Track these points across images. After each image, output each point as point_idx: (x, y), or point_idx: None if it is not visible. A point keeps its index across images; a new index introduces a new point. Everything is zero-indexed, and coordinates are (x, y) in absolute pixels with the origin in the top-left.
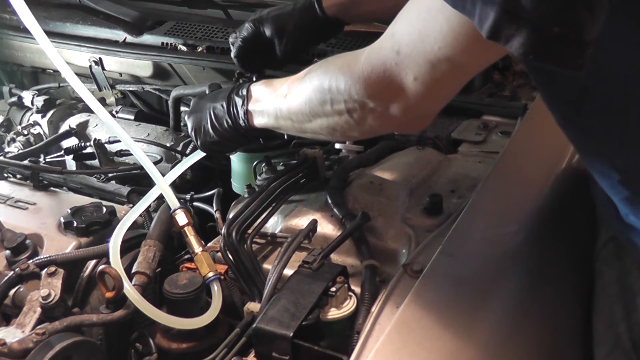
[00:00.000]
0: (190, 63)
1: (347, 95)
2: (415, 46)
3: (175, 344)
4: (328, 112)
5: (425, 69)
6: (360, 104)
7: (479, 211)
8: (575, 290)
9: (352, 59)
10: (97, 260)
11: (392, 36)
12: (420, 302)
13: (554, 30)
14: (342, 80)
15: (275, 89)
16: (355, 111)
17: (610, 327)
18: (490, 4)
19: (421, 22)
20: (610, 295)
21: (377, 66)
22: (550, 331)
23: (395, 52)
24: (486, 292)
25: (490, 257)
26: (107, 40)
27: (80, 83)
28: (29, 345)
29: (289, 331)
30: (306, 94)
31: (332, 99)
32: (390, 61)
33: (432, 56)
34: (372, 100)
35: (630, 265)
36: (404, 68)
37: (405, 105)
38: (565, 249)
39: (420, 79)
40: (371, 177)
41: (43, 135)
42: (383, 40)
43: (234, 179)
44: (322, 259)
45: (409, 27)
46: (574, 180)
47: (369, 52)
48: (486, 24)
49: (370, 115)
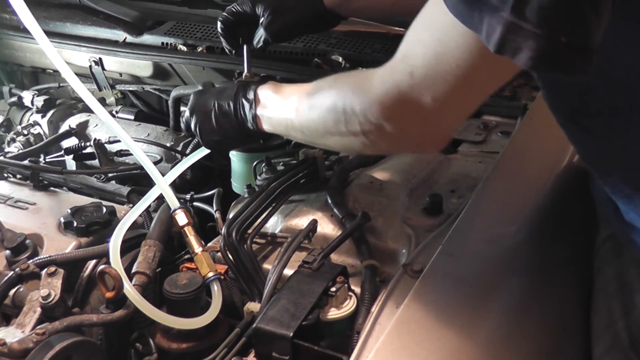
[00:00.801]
0: (190, 63)
1: (362, 117)
2: (430, 66)
3: (175, 344)
4: (343, 132)
5: (442, 88)
6: (376, 126)
7: (479, 211)
8: (575, 289)
9: (364, 80)
10: (97, 260)
11: (404, 58)
12: (420, 302)
13: (561, 40)
14: (357, 103)
15: (285, 97)
16: (371, 133)
17: (609, 325)
18: (496, 17)
19: (435, 42)
20: (608, 293)
21: (391, 89)
22: (551, 330)
23: (409, 75)
24: (486, 292)
25: (490, 257)
26: (107, 40)
27: (80, 83)
28: (29, 345)
29: (289, 331)
30: (319, 113)
31: (346, 120)
32: (404, 83)
33: (449, 75)
34: (388, 122)
35: (629, 263)
36: (420, 89)
37: (422, 126)
38: (565, 248)
39: (438, 100)
40: (371, 177)
41: (43, 135)
42: (395, 63)
43: (234, 179)
44: (322, 259)
45: (422, 48)
46: (574, 180)
47: (381, 74)
48: (493, 38)
49: (387, 137)
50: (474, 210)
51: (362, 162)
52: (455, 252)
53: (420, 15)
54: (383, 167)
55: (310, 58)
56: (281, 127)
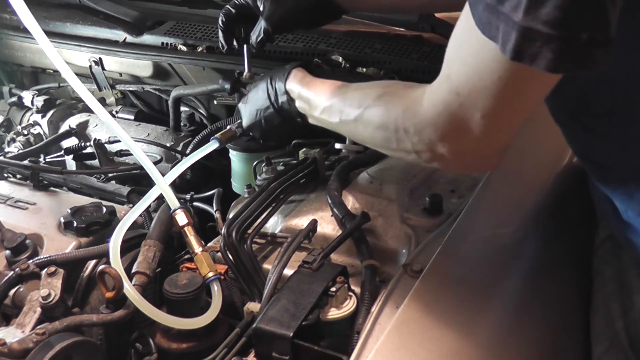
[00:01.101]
0: (190, 63)
1: (415, 138)
2: (473, 83)
3: (175, 344)
4: (393, 149)
5: (489, 103)
6: (429, 147)
7: (479, 211)
8: (575, 289)
9: (414, 102)
10: (97, 260)
11: (448, 78)
12: (420, 302)
13: (582, 37)
14: (410, 124)
15: (321, 98)
16: (424, 153)
17: (608, 325)
18: (509, 23)
19: (471, 57)
20: (607, 293)
21: (441, 111)
22: (551, 330)
23: (456, 94)
24: (486, 292)
25: (490, 257)
26: (107, 40)
27: (80, 83)
28: (29, 345)
29: (289, 331)
30: (365, 128)
31: (398, 139)
32: (453, 104)
33: (492, 89)
34: (441, 143)
35: (628, 263)
36: (468, 107)
37: (474, 145)
38: (564, 248)
39: (486, 115)
40: (371, 177)
41: (43, 135)
42: (440, 84)
43: (234, 179)
44: (322, 259)
45: (462, 65)
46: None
47: (428, 95)
48: (508, 46)
49: (440, 157)
50: (474, 210)
51: (362, 162)
52: (455, 252)
53: (455, 29)
54: (383, 167)
55: (310, 58)
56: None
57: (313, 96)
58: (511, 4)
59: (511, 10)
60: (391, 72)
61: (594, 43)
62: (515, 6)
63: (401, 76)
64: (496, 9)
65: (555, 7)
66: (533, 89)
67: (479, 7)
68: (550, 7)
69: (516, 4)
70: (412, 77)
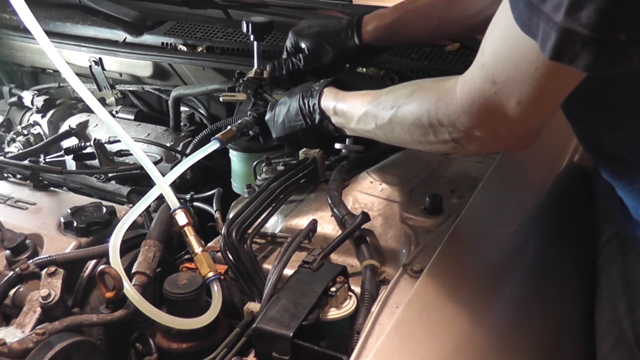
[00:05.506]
0: (190, 63)
1: (451, 127)
2: (510, 73)
3: (175, 344)
4: (431, 142)
5: (525, 91)
6: (466, 133)
7: (479, 211)
8: (576, 289)
9: (446, 93)
10: (97, 260)
11: (483, 67)
12: (420, 302)
13: (620, 39)
14: (444, 115)
15: (355, 110)
16: (461, 140)
17: (614, 323)
18: (550, 24)
19: (509, 49)
20: (614, 291)
21: (476, 98)
22: (551, 330)
23: (491, 82)
24: (487, 291)
25: (491, 257)
26: (107, 40)
27: (80, 83)
28: (29, 345)
29: (289, 331)
30: (402, 127)
31: (434, 131)
32: (488, 91)
33: (529, 79)
34: (478, 129)
35: (635, 261)
36: (504, 95)
37: (510, 128)
38: (565, 248)
39: (523, 102)
40: (371, 177)
41: (43, 135)
42: (474, 73)
43: (234, 179)
44: (322, 259)
45: (498, 56)
46: (575, 178)
47: (462, 85)
48: (548, 45)
49: (478, 141)
50: (474, 210)
51: (362, 162)
52: (455, 252)
53: (492, 23)
54: (383, 167)
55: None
56: (363, 134)
57: (347, 109)
58: (552, 3)
59: (552, 10)
60: (391, 72)
61: (632, 43)
62: (557, 6)
63: (401, 76)
64: (537, 8)
65: (596, 10)
66: (568, 81)
67: (520, 3)
68: (591, 10)
69: (557, 5)
70: (412, 77)
